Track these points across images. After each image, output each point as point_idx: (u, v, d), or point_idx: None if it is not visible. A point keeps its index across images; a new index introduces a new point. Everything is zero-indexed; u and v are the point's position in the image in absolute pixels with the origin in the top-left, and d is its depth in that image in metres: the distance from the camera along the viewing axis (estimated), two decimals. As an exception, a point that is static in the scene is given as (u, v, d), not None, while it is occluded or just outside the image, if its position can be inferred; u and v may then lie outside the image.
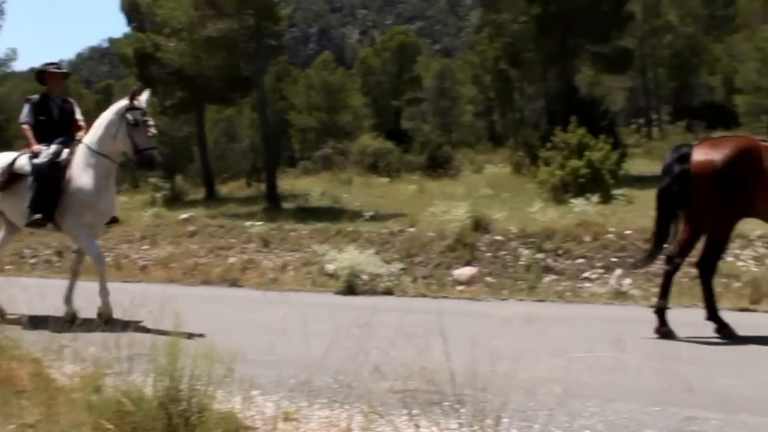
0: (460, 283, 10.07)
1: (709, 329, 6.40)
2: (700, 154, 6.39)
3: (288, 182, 32.49)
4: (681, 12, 60.08)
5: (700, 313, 6.60)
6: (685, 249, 6.67)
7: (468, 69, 61.59)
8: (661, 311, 6.52)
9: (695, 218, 6.54)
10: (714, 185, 6.27)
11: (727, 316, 6.55)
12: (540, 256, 10.12)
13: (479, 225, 11.10)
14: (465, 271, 10.29)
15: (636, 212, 13.65)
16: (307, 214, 18.40)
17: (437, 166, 34.99)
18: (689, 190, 6.38)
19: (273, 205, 23.04)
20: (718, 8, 64.99)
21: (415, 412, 3.50)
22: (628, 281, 9.11)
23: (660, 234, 6.68)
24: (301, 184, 31.71)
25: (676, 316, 7.42)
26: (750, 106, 49.35)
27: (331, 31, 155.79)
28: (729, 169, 6.21)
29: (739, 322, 6.50)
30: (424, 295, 9.29)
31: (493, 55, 45.02)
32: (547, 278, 9.76)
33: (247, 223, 14.11)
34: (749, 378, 5.12)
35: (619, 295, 8.78)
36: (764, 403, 4.50)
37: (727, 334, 6.32)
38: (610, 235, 10.28)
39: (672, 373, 4.49)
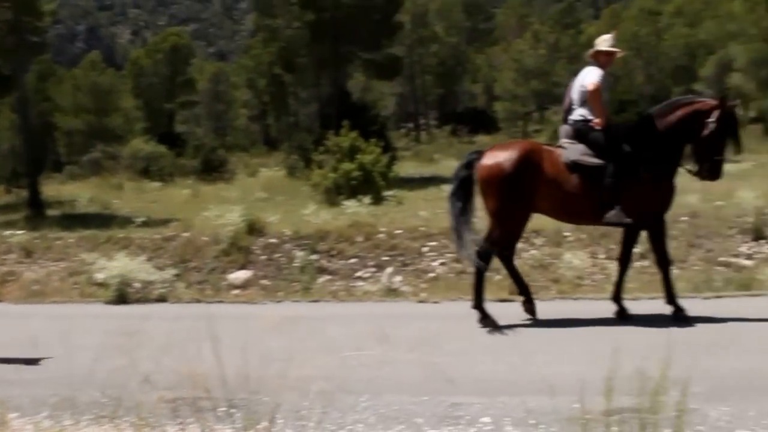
0: (236, 287, 9.99)
1: (472, 320, 6.78)
2: (488, 158, 6.84)
3: (53, 188, 30.88)
4: (446, 23, 63.50)
5: (465, 305, 6.98)
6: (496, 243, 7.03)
7: (242, 73, 61.27)
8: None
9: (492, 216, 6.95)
10: (501, 185, 6.71)
11: (488, 306, 6.97)
12: (314, 257, 10.25)
13: (254, 228, 11.06)
14: (240, 275, 10.22)
15: (406, 212, 14.23)
16: (74, 221, 17.54)
17: (211, 170, 34.70)
18: (480, 191, 6.82)
19: (36, 212, 21.83)
20: (479, 21, 69.60)
21: (188, 420, 3.46)
22: (398, 279, 9.47)
23: (457, 232, 6.99)
24: (68, 190, 30.20)
25: (442, 310, 7.84)
26: (508, 112, 53.50)
27: (101, 29, 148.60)
28: (514, 170, 6.66)
29: (499, 312, 6.94)
30: (198, 301, 9.12)
31: (267, 59, 45.05)
32: (322, 279, 9.91)
33: (7, 233, 13.16)
34: (507, 363, 5.51)
35: (390, 292, 9.10)
36: (521, 384, 4.87)
37: (488, 324, 6.73)
38: (381, 235, 10.61)
39: (437, 364, 4.74)
